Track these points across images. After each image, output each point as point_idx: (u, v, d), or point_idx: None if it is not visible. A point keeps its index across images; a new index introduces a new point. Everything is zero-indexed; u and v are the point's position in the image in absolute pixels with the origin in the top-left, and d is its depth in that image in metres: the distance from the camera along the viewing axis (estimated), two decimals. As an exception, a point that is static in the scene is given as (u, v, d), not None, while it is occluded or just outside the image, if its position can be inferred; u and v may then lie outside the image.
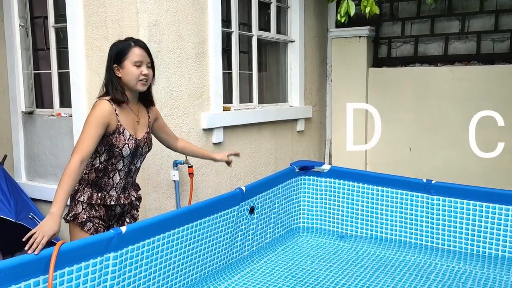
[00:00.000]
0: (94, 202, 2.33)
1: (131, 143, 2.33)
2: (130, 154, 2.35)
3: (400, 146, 4.90)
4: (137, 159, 2.43)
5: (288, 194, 3.55)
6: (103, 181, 2.35)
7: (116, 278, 2.20)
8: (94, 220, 2.35)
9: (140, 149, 2.41)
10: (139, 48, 2.32)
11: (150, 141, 2.49)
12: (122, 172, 2.38)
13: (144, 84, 2.34)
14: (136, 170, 2.49)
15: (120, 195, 2.41)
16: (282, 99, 4.85)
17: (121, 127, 2.30)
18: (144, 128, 2.45)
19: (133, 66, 2.30)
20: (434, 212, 3.24)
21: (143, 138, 2.42)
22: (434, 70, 4.73)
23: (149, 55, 2.35)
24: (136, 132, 2.39)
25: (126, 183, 2.43)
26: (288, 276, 2.91)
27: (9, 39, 3.88)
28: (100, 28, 3.23)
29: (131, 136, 2.33)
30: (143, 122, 2.45)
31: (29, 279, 1.85)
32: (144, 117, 2.47)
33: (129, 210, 2.54)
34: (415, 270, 2.98)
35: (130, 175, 2.44)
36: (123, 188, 2.42)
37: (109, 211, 2.41)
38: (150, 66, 2.36)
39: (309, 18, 4.92)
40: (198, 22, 3.53)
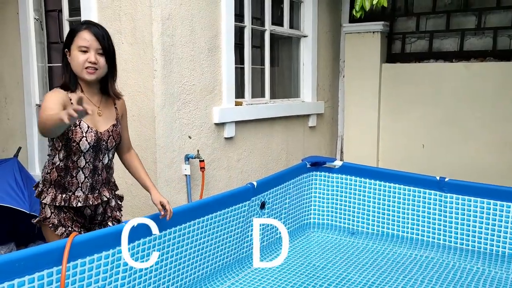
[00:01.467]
0: (57, 204, 2.10)
1: (90, 136, 2.08)
2: (91, 148, 2.10)
3: (413, 143, 4.85)
4: (102, 154, 2.17)
5: (299, 189, 3.54)
6: (66, 181, 2.11)
7: (128, 270, 2.22)
8: (67, 224, 2.13)
9: (103, 143, 2.14)
10: (88, 32, 2.04)
11: (118, 135, 2.22)
12: (86, 169, 2.12)
13: (92, 72, 2.05)
14: (104, 167, 2.21)
15: (88, 195, 2.15)
16: (294, 94, 4.83)
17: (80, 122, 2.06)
18: (108, 121, 2.19)
19: (78, 52, 2.03)
20: (447, 210, 3.21)
21: (107, 131, 2.16)
22: (449, 66, 4.66)
23: (101, 41, 2.05)
24: (97, 124, 2.13)
25: (94, 181, 2.16)
26: (299, 271, 2.91)
27: (24, 32, 3.92)
28: (113, 21, 3.24)
29: (89, 129, 2.08)
30: (107, 114, 2.19)
31: (43, 270, 1.87)
32: (109, 109, 2.21)
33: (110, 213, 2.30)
34: (427, 268, 2.96)
35: (97, 172, 2.17)
36: (90, 187, 2.16)
37: (78, 212, 2.18)
38: (102, 53, 2.06)
39: (322, 13, 4.88)
40: (211, 17, 3.52)
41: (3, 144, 4.30)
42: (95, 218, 2.26)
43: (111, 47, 2.12)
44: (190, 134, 3.42)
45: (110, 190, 2.28)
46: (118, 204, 2.37)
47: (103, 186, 2.23)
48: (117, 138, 2.22)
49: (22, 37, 3.94)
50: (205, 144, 3.55)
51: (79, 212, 2.19)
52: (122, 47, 3.22)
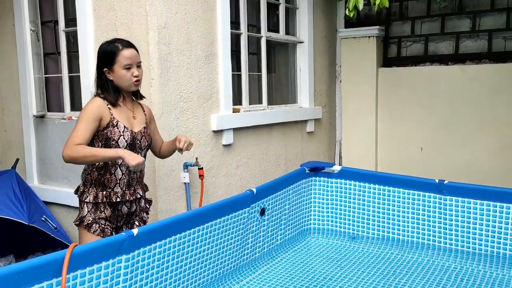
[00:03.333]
0: (100, 200, 2.38)
1: (127, 135, 2.38)
2: (128, 146, 2.38)
3: (411, 146, 4.86)
4: (137, 153, 2.44)
5: (298, 195, 3.53)
6: (106, 178, 2.39)
7: (128, 281, 2.21)
8: (100, 222, 2.38)
9: (138, 142, 2.45)
10: (127, 50, 2.37)
11: (149, 135, 2.54)
12: (123, 166, 2.41)
13: (137, 84, 2.43)
14: None
15: (125, 191, 2.43)
16: (291, 100, 4.84)
17: (114, 119, 2.37)
18: (141, 123, 2.51)
19: (124, 70, 2.36)
20: (447, 212, 3.20)
21: (140, 131, 2.47)
22: (445, 69, 4.68)
23: (138, 56, 2.43)
24: (132, 126, 2.45)
25: (130, 178, 2.46)
26: (300, 277, 2.89)
27: (20, 44, 3.92)
28: (110, 31, 3.24)
29: (126, 129, 2.39)
30: (139, 118, 2.52)
31: (42, 282, 1.85)
32: (140, 114, 2.55)
33: (138, 213, 2.55)
34: (428, 272, 2.95)
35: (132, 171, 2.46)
36: (127, 184, 2.44)
37: (115, 211, 2.44)
38: (139, 66, 2.43)
39: (318, 18, 4.90)
40: (207, 24, 3.53)
41: (1, 156, 4.29)
42: (128, 216, 2.51)
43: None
44: (188, 142, 3.42)
45: (142, 189, 2.56)
46: (146, 207, 2.62)
47: (138, 184, 2.51)
48: (149, 138, 2.53)
49: (19, 49, 3.94)
50: (203, 152, 3.54)
51: (117, 211, 2.44)
52: (119, 56, 3.22)
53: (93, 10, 3.30)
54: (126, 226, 2.51)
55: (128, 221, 2.53)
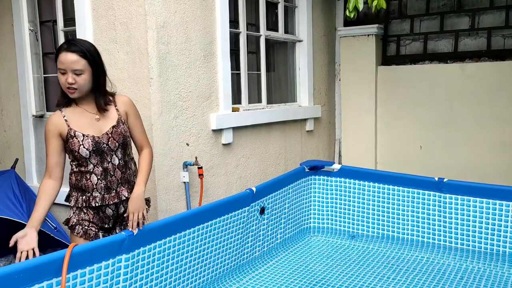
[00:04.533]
0: (80, 205, 2.31)
1: (87, 142, 2.25)
2: (93, 153, 2.26)
3: (411, 145, 4.86)
4: (109, 156, 2.30)
5: (298, 194, 3.54)
6: (83, 184, 2.30)
7: (128, 280, 2.21)
8: (84, 223, 2.31)
9: (105, 146, 2.28)
10: (64, 54, 2.16)
11: (120, 134, 2.31)
12: (96, 172, 2.28)
13: (72, 92, 2.20)
14: (116, 167, 2.34)
15: (104, 195, 2.31)
16: (291, 99, 4.84)
17: (72, 130, 2.25)
18: (108, 122, 2.31)
19: (59, 73, 2.20)
20: (447, 210, 3.21)
21: (106, 133, 2.28)
22: (444, 67, 4.68)
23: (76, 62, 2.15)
24: (96, 130, 2.28)
25: (108, 182, 2.31)
26: (300, 276, 2.89)
27: (19, 43, 3.92)
28: (108, 31, 3.24)
29: (85, 137, 2.25)
30: (106, 118, 2.32)
31: (42, 282, 1.86)
32: (109, 112, 2.33)
33: None
34: (428, 269, 2.95)
35: (109, 174, 2.31)
36: (105, 188, 2.31)
37: (99, 213, 2.34)
38: (79, 73, 2.17)
39: (317, 17, 4.90)
40: (206, 23, 3.53)
41: (0, 156, 4.29)
42: (118, 217, 2.40)
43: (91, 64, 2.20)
44: (187, 141, 3.42)
45: (129, 189, 2.37)
46: None
47: (120, 186, 2.35)
48: (119, 137, 2.32)
49: (17, 49, 3.94)
50: (203, 151, 3.54)
51: (101, 213, 2.35)
52: (118, 56, 3.22)
53: (92, 10, 3.29)
54: (119, 228, 2.41)
55: (121, 223, 2.42)
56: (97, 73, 2.25)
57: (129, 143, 2.40)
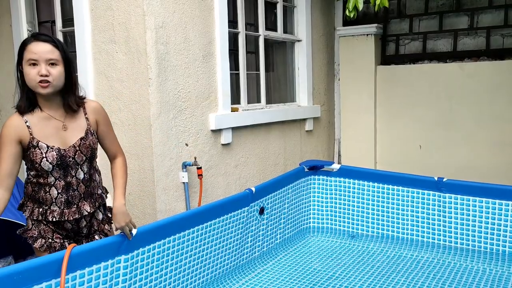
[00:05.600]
0: (35, 217, 2.06)
1: (51, 155, 1.98)
2: (56, 167, 2.00)
3: (410, 144, 4.85)
4: (74, 170, 2.05)
5: (298, 194, 3.53)
6: (41, 196, 2.05)
7: (128, 281, 2.20)
8: (47, 236, 2.08)
9: (70, 159, 2.03)
10: (36, 43, 1.91)
11: (88, 147, 2.07)
12: (57, 186, 2.03)
13: (45, 86, 1.92)
14: (81, 181, 2.09)
15: (64, 210, 2.06)
16: (290, 99, 4.83)
17: (34, 139, 1.96)
18: (76, 133, 2.06)
19: (28, 66, 1.91)
20: (446, 210, 3.21)
21: (73, 146, 2.03)
22: (444, 66, 4.68)
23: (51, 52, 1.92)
24: (62, 140, 2.02)
25: (69, 197, 2.06)
26: (299, 276, 2.89)
27: (17, 44, 3.91)
28: (107, 31, 3.24)
29: (49, 148, 1.98)
30: (74, 127, 2.06)
31: (42, 283, 1.85)
32: (77, 120, 2.07)
33: (97, 226, 2.21)
34: (428, 269, 2.95)
35: (71, 188, 2.07)
36: (66, 203, 2.06)
37: (59, 226, 2.10)
38: (54, 63, 1.93)
39: (316, 17, 4.90)
40: (205, 24, 3.52)
41: None
42: (79, 231, 2.16)
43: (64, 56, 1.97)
44: (187, 142, 3.41)
45: (92, 203, 2.15)
46: (107, 217, 2.25)
47: (83, 200, 2.11)
48: (87, 151, 2.08)
49: (16, 49, 3.93)
50: (202, 151, 3.54)
51: (60, 225, 2.11)
52: (116, 56, 3.22)
53: (90, 10, 3.29)
54: (85, 240, 2.18)
55: (87, 236, 2.19)
56: (69, 68, 2.00)
57: (96, 156, 2.17)
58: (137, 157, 3.20)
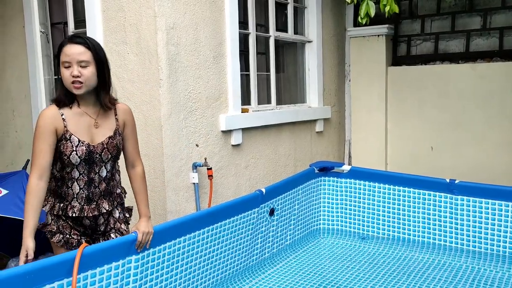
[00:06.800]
0: (55, 212, 2.12)
1: (81, 150, 2.06)
2: (83, 162, 2.08)
3: (421, 146, 4.82)
4: (98, 167, 2.13)
5: (308, 195, 3.52)
6: (63, 191, 2.11)
7: (138, 281, 2.21)
8: (65, 231, 2.13)
9: (97, 156, 2.11)
10: (69, 46, 2.01)
11: (114, 146, 2.16)
12: (80, 181, 2.11)
13: (78, 87, 2.02)
14: (103, 179, 2.16)
15: (84, 206, 2.12)
16: (300, 100, 4.82)
17: (68, 132, 2.05)
18: (106, 132, 2.15)
19: (63, 68, 2.02)
20: (458, 212, 3.17)
21: (101, 144, 2.12)
22: (456, 67, 4.63)
23: (83, 53, 2.01)
24: (92, 137, 2.11)
25: (91, 193, 2.14)
26: (309, 278, 2.88)
27: (30, 45, 3.95)
28: (118, 32, 3.26)
29: (80, 143, 2.07)
30: (104, 126, 2.15)
31: (54, 282, 1.87)
32: (108, 120, 2.17)
33: (113, 225, 2.26)
34: (440, 272, 2.92)
35: (93, 184, 2.14)
36: (87, 199, 2.13)
37: (78, 222, 2.16)
38: (85, 65, 2.02)
39: (327, 17, 4.88)
40: (216, 25, 3.53)
41: (12, 157, 4.33)
42: (96, 228, 2.22)
43: (96, 57, 2.05)
44: (197, 142, 3.42)
45: (111, 201, 2.21)
46: (124, 217, 2.30)
47: (102, 198, 2.18)
48: (113, 150, 2.16)
49: (29, 50, 3.97)
50: (212, 152, 3.54)
51: (78, 222, 2.16)
52: (128, 57, 3.24)
53: (102, 11, 3.31)
54: (102, 238, 2.23)
55: (103, 233, 2.24)
56: (102, 68, 2.08)
57: (120, 155, 2.24)
58: (147, 158, 3.21)
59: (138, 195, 2.25)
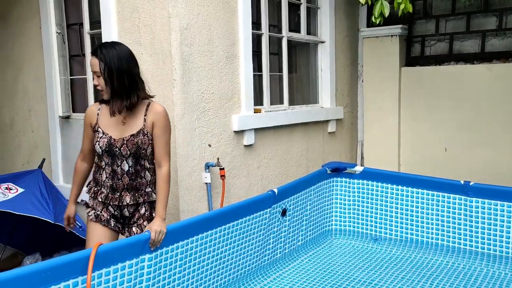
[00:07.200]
0: (92, 194, 2.43)
1: (102, 141, 2.33)
2: (105, 152, 2.34)
3: (435, 147, 4.77)
4: (119, 160, 2.34)
5: (320, 196, 3.51)
6: (97, 177, 2.43)
7: (152, 280, 2.23)
8: (97, 208, 2.42)
9: (117, 150, 2.32)
10: (91, 57, 2.32)
11: (134, 144, 2.32)
12: (106, 171, 2.37)
13: (102, 93, 2.34)
14: (125, 173, 2.36)
15: (109, 194, 2.37)
16: (312, 100, 4.81)
17: (97, 125, 2.38)
18: (130, 129, 2.34)
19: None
20: (473, 214, 3.14)
21: (122, 139, 2.32)
22: (471, 68, 4.58)
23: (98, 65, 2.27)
24: (118, 132, 2.34)
25: (114, 184, 2.36)
26: (321, 279, 2.87)
27: (46, 46, 4.01)
28: (133, 33, 3.29)
29: (104, 135, 2.34)
30: (131, 124, 2.35)
31: (68, 280, 1.89)
32: (136, 119, 2.35)
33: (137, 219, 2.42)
34: (453, 275, 2.89)
35: (116, 177, 2.36)
36: (111, 188, 2.37)
37: (106, 207, 2.41)
38: (99, 75, 2.28)
39: (340, 18, 4.86)
40: (229, 25, 3.54)
41: (28, 156, 4.40)
42: (121, 217, 2.44)
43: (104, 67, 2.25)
44: (209, 142, 3.44)
45: (135, 197, 2.39)
46: (150, 215, 2.43)
47: (125, 191, 2.38)
48: (132, 147, 2.33)
49: (45, 51, 4.03)
50: (224, 152, 3.56)
51: (106, 207, 2.42)
52: (142, 58, 3.26)
53: (117, 12, 3.34)
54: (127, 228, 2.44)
55: (128, 224, 2.44)
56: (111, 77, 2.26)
57: (144, 155, 2.37)
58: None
59: (157, 194, 2.36)
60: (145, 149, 2.36)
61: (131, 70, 2.31)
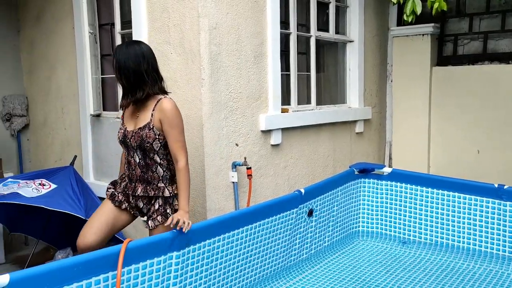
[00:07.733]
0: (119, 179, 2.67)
1: (120, 132, 2.56)
2: (122, 143, 2.55)
3: (466, 148, 4.65)
4: (132, 152, 2.52)
5: (347, 197, 3.48)
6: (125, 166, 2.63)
7: (179, 277, 2.26)
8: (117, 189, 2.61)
9: (128, 141, 2.51)
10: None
11: (140, 137, 2.46)
12: (127, 161, 2.58)
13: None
14: (136, 164, 2.52)
15: (127, 183, 2.58)
16: (340, 100, 4.76)
17: (122, 117, 2.63)
18: (140, 123, 2.50)
19: None
20: (507, 219, 3.04)
21: (132, 131, 2.50)
22: (505, 68, 4.44)
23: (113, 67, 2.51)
24: (131, 125, 2.53)
25: (130, 174, 2.55)
26: (347, 281, 2.84)
27: (79, 46, 4.11)
28: (163, 33, 3.33)
29: (122, 126, 2.57)
30: (142, 118, 2.50)
31: (99, 275, 1.93)
32: (146, 114, 2.49)
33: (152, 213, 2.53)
34: (485, 281, 2.81)
35: (131, 167, 2.54)
36: (128, 177, 2.57)
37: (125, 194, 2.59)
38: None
39: (369, 17, 4.80)
40: (257, 25, 3.54)
41: (60, 153, 4.52)
42: (136, 207, 2.58)
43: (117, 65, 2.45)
44: (237, 142, 3.45)
45: (146, 190, 2.51)
46: (164, 210, 2.52)
47: (138, 182, 2.54)
48: (137, 140, 2.46)
49: (78, 51, 4.13)
50: (252, 152, 3.56)
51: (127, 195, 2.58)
52: (171, 57, 3.30)
53: (148, 13, 3.39)
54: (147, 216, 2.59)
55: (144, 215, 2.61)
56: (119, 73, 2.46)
57: (150, 148, 2.47)
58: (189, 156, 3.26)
59: (178, 189, 2.46)
60: (150, 143, 2.46)
61: (137, 68, 2.44)
